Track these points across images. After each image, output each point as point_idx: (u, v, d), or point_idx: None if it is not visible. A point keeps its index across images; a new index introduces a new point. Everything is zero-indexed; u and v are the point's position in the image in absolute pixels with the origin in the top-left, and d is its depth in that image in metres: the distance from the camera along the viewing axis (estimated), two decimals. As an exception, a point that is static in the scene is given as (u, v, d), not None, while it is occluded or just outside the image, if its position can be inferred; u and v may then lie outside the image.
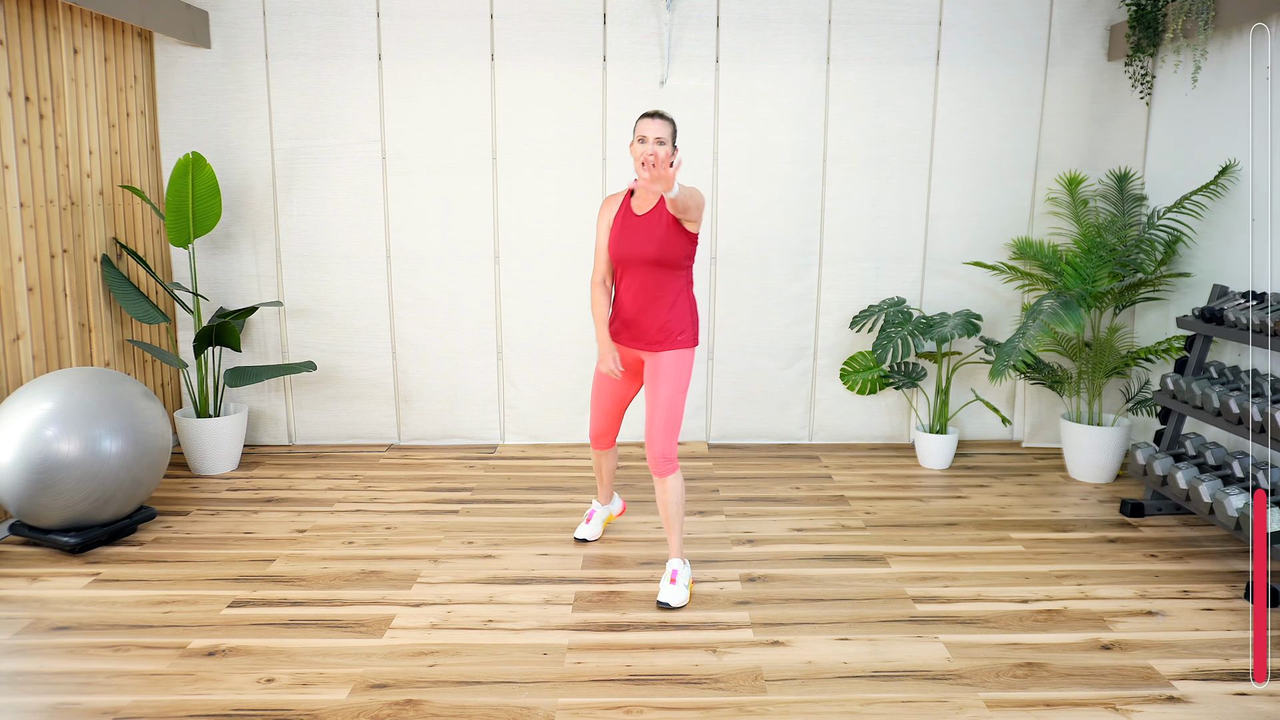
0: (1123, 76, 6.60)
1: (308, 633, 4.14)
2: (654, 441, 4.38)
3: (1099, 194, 6.58)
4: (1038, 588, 4.63)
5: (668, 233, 4.31)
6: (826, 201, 6.79)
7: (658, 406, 4.39)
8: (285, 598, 4.48)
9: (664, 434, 4.37)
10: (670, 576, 4.48)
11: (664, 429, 4.38)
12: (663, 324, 4.42)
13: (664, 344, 4.43)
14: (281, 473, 6.36)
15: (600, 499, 5.22)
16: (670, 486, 4.43)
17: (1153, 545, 5.18)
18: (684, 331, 4.44)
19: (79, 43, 5.73)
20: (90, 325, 5.85)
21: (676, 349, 4.43)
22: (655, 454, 4.39)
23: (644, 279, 4.39)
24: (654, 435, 4.39)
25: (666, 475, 4.41)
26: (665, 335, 4.43)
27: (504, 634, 4.13)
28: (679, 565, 4.52)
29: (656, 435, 4.38)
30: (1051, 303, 5.70)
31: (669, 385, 4.40)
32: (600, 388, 4.74)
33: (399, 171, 6.68)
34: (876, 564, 4.91)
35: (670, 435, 4.38)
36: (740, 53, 6.60)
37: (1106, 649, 4.02)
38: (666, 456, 4.38)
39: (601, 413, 4.80)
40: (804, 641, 4.07)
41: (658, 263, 4.34)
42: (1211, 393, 5.08)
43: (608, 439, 4.91)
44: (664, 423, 4.38)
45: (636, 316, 4.45)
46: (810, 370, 7.00)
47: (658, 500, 4.51)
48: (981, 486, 6.15)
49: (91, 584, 4.62)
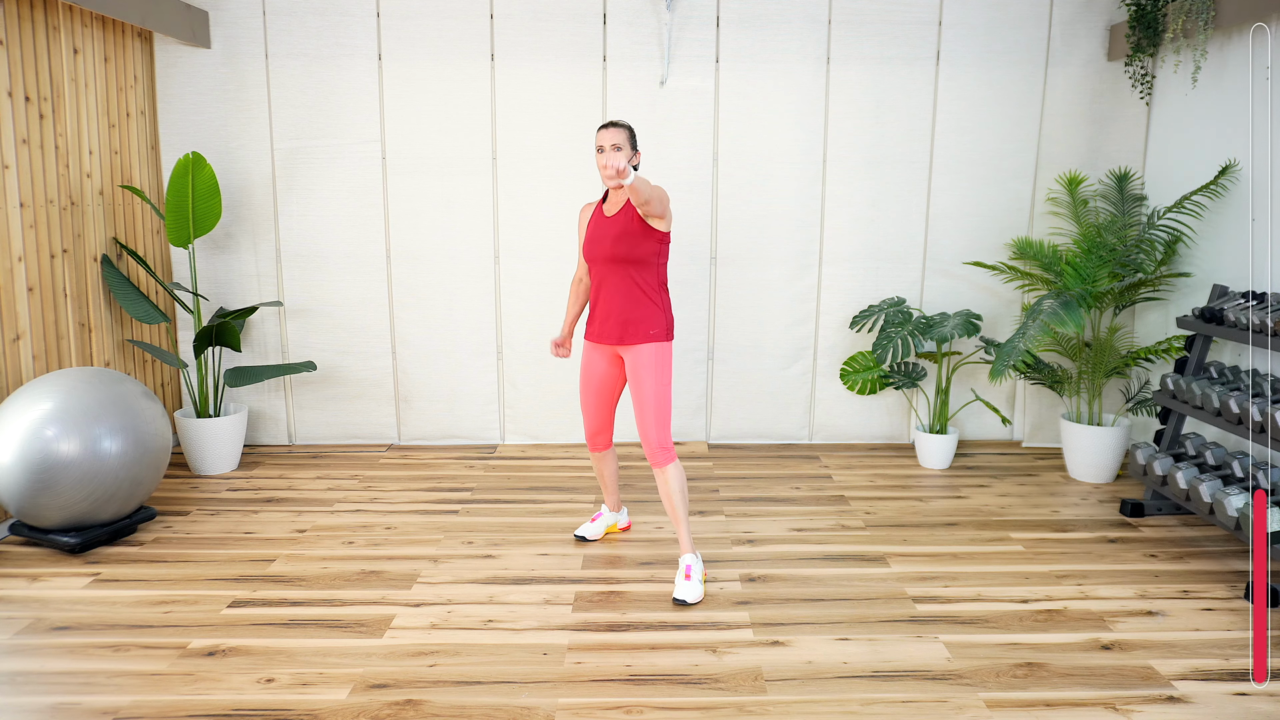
0: (1123, 76, 6.60)
1: (308, 633, 4.13)
2: (647, 434, 4.54)
3: (1099, 194, 6.57)
4: (1038, 588, 4.62)
5: (634, 232, 4.48)
6: (826, 201, 6.79)
7: (644, 400, 4.54)
8: (285, 598, 4.48)
9: (656, 425, 4.53)
10: (684, 573, 4.53)
11: (655, 421, 4.53)
12: (634, 319, 4.55)
13: (637, 339, 4.57)
14: (281, 473, 6.36)
15: (608, 505, 5.25)
16: (670, 476, 4.55)
17: (1153, 545, 5.18)
18: (656, 326, 4.57)
19: (79, 42, 5.73)
20: (90, 325, 5.85)
21: (650, 343, 4.56)
22: (650, 445, 4.54)
23: (614, 277, 4.55)
24: (645, 427, 4.54)
25: (665, 465, 4.55)
26: (637, 331, 4.56)
27: (504, 634, 4.13)
28: (691, 560, 4.58)
29: (648, 427, 4.53)
30: (1051, 303, 5.70)
31: (650, 378, 4.54)
32: (586, 387, 4.85)
33: (399, 171, 6.68)
34: (876, 564, 4.90)
35: (661, 425, 4.54)
36: (740, 53, 6.60)
37: (1106, 649, 4.02)
38: (662, 445, 4.54)
39: (590, 411, 4.89)
40: (804, 641, 4.07)
41: (625, 260, 4.51)
42: (1211, 393, 5.08)
43: (603, 438, 4.97)
44: (654, 414, 4.53)
45: (610, 313, 4.60)
46: (810, 370, 7.00)
47: (660, 493, 4.63)
48: (981, 486, 6.15)
49: (91, 584, 4.61)
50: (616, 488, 5.18)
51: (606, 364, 4.75)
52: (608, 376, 4.78)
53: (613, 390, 4.82)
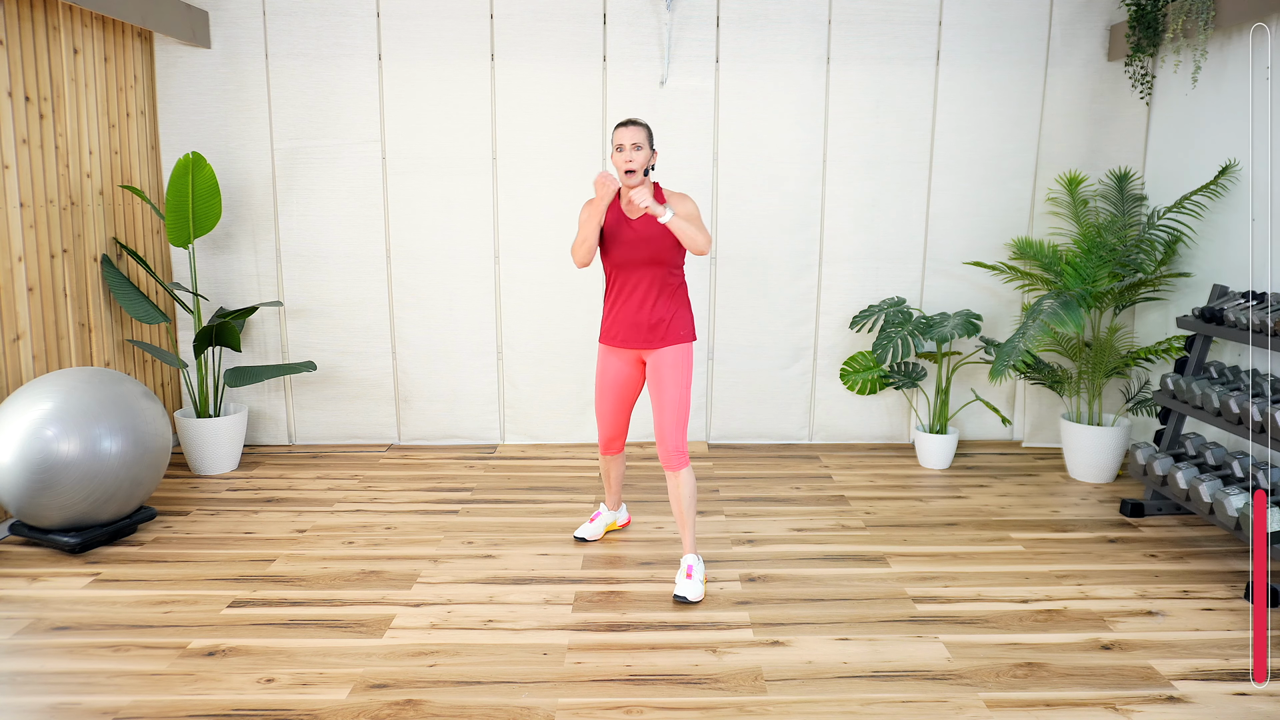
0: (1123, 76, 6.60)
1: (308, 633, 4.14)
2: (665, 437, 4.50)
3: (1099, 194, 6.58)
4: (1038, 588, 4.62)
5: (660, 233, 4.46)
6: (826, 201, 6.79)
7: (665, 403, 4.50)
8: (285, 598, 4.48)
9: (675, 428, 4.50)
10: (686, 571, 4.54)
11: (674, 423, 4.50)
12: (661, 321, 4.52)
13: (664, 340, 4.53)
14: (281, 473, 6.36)
15: (608, 504, 5.25)
16: (684, 480, 4.54)
17: (1153, 545, 5.18)
18: (683, 327, 4.56)
19: (79, 42, 5.73)
20: (90, 325, 5.85)
21: (676, 344, 4.53)
22: (668, 449, 4.50)
23: (641, 280, 4.52)
24: (665, 430, 4.50)
25: (680, 469, 4.53)
26: (665, 332, 4.53)
27: (504, 634, 4.14)
28: (693, 560, 4.58)
29: (668, 430, 4.49)
30: (1051, 303, 5.70)
31: (673, 380, 4.51)
32: (604, 392, 4.79)
33: (399, 171, 6.68)
34: (876, 564, 4.91)
35: (680, 429, 4.51)
36: (740, 53, 6.60)
37: (1106, 649, 4.02)
38: (679, 449, 4.51)
39: (608, 416, 4.84)
40: (804, 641, 4.07)
41: (653, 262, 4.48)
42: (1211, 393, 5.08)
43: (618, 443, 4.96)
44: (674, 418, 4.50)
45: (637, 318, 4.54)
46: (810, 370, 7.00)
47: (670, 495, 4.60)
48: (981, 486, 6.15)
49: (91, 584, 4.62)
50: (620, 488, 5.17)
51: (629, 368, 4.71)
52: (629, 380, 4.74)
53: (632, 394, 4.79)
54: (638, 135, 4.45)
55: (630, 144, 4.43)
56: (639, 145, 4.44)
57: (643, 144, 4.45)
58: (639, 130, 4.46)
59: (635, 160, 4.41)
